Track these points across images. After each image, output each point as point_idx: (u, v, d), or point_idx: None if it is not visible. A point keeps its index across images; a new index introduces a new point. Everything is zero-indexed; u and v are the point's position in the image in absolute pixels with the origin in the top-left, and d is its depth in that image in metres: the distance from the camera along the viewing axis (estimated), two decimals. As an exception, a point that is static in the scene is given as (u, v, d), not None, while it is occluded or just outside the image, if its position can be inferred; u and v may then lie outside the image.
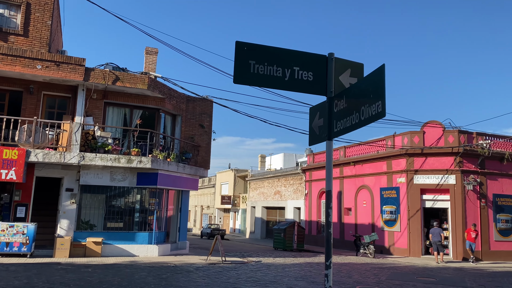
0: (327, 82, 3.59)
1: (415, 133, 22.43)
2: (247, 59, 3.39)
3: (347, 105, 3.37)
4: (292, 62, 3.51)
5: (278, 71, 3.46)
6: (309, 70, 3.56)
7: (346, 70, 3.64)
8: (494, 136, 22.50)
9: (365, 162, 25.54)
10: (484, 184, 21.57)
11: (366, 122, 3.06)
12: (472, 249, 19.60)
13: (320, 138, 3.79)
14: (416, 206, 21.86)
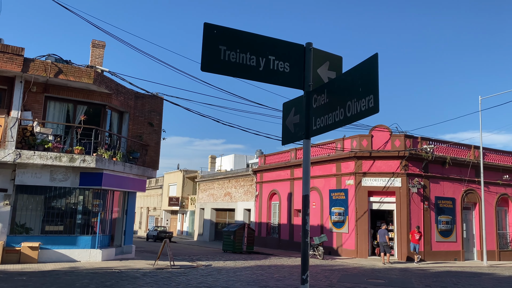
0: (305, 75, 3.27)
1: (363, 137, 22.94)
2: (217, 44, 2.99)
3: (328, 100, 3.07)
4: (268, 50, 3.15)
5: (252, 59, 3.09)
6: (285, 61, 3.22)
7: (325, 63, 3.34)
8: (437, 141, 23.52)
9: (316, 164, 25.79)
10: (427, 187, 22.46)
11: (354, 118, 2.78)
12: (416, 251, 20.30)
13: (295, 136, 3.47)
14: (363, 208, 22.34)
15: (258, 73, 3.11)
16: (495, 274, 17.41)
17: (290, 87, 3.24)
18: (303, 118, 3.32)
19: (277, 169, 29.55)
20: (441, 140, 23.70)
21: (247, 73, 3.08)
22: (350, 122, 2.83)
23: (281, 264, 17.36)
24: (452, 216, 23.16)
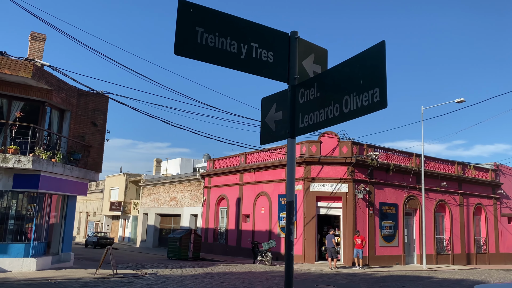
0: (290, 66, 2.96)
1: (313, 143, 23.17)
2: (193, 25, 2.60)
3: (320, 95, 2.78)
4: (250, 36, 2.80)
5: (233, 45, 2.72)
6: (269, 49, 2.88)
7: (310, 55, 3.05)
8: (382, 148, 24.29)
9: (265, 169, 25.71)
10: (372, 193, 23.08)
11: (354, 114, 2.49)
12: (360, 256, 20.54)
13: (277, 135, 3.14)
14: (311, 213, 22.51)
15: (239, 61, 2.75)
16: (435, 278, 18.13)
17: (274, 79, 2.91)
18: (286, 115, 3.01)
19: (226, 174, 29.14)
20: (385, 147, 24.52)
21: (227, 60, 2.71)
22: (349, 118, 2.55)
23: (230, 271, 16.97)
24: (395, 222, 23.98)
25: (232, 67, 2.75)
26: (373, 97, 2.39)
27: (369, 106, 2.42)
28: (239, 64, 2.76)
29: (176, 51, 2.49)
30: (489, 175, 30.84)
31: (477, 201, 29.31)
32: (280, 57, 2.94)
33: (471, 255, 28.26)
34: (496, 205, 30.82)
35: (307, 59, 3.02)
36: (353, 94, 2.53)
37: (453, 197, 27.67)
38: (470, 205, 28.74)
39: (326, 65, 3.10)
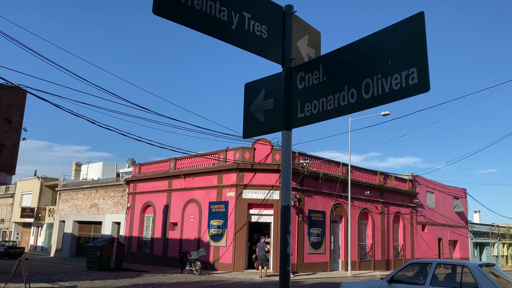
0: (284, 46, 2.56)
1: (246, 149, 22.97)
2: (176, -19, 2.08)
3: (327, 78, 2.38)
4: (242, 4, 2.35)
5: (223, 12, 2.24)
6: (262, 23, 2.44)
7: (304, 36, 2.65)
8: (312, 157, 24.76)
9: (196, 175, 24.99)
10: (302, 200, 23.38)
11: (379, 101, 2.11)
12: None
13: (268, 127, 2.70)
14: (243, 221, 22.21)
15: (230, 32, 2.27)
16: (361, 283, 18.64)
17: (267, 58, 2.48)
18: (280, 103, 2.59)
19: (153, 180, 27.90)
20: (315, 156, 25.05)
21: (217, 29, 2.22)
22: (371, 105, 2.16)
23: (158, 282, 16.03)
24: (322, 229, 24.50)
25: (223, 38, 2.27)
26: (408, 80, 2.01)
27: (402, 91, 2.05)
28: (230, 35, 2.28)
29: (154, 10, 1.98)
30: (407, 185, 32.89)
31: (396, 210, 31.06)
32: (274, 33, 2.54)
33: (390, 261, 29.77)
34: (413, 214, 32.92)
35: (302, 40, 2.62)
36: (377, 77, 2.15)
37: (375, 206, 29.02)
38: (390, 213, 30.35)
39: (319, 49, 2.74)
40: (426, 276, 9.00)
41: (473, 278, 8.29)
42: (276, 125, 2.58)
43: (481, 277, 8.09)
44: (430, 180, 36.87)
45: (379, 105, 2.09)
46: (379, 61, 2.17)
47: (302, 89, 2.52)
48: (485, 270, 8.50)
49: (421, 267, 9.68)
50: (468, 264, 8.78)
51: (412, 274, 9.94)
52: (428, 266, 9.35)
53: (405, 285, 9.20)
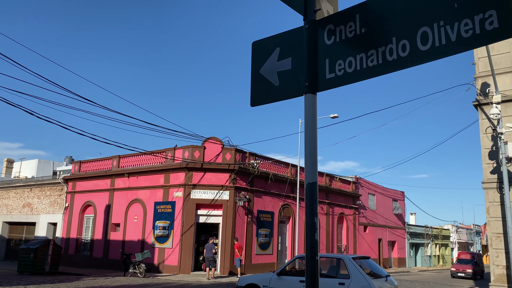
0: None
1: (196, 148, 22.36)
2: None
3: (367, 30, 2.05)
4: None
5: None
6: None
7: None
8: (262, 157, 24.63)
9: (141, 174, 23.95)
10: (251, 200, 23.16)
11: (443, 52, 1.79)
12: (237, 265, 20.34)
13: (285, 91, 2.31)
14: (190, 222, 21.57)
15: None
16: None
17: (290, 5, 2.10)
18: (301, 63, 2.23)
19: (94, 178, 26.41)
20: (265, 156, 24.93)
21: None
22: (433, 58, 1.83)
23: (100, 286, 15.03)
24: (271, 229, 24.43)
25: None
26: (485, 25, 1.71)
27: (476, 38, 1.74)
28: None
29: None
30: (350, 187, 33.79)
31: (341, 211, 31.78)
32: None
33: (334, 261, 30.32)
34: (355, 215, 33.87)
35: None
36: (439, 24, 1.84)
37: (321, 206, 29.49)
38: (334, 214, 30.98)
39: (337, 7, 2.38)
40: None
41: (346, 268, 9.70)
42: (297, 89, 2.18)
43: (352, 267, 9.55)
44: (372, 182, 38.20)
45: (443, 57, 1.76)
46: (442, 6, 1.86)
47: (331, 44, 2.19)
48: (357, 261, 9.89)
49: None
50: (343, 257, 10.16)
51: (299, 267, 11.25)
52: None
53: (292, 277, 10.48)
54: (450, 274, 32.38)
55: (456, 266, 32.11)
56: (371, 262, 10.89)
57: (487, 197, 13.47)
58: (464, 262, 32.69)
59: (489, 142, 13.70)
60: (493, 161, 13.50)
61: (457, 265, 32.27)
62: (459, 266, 31.96)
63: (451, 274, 31.70)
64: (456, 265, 32.59)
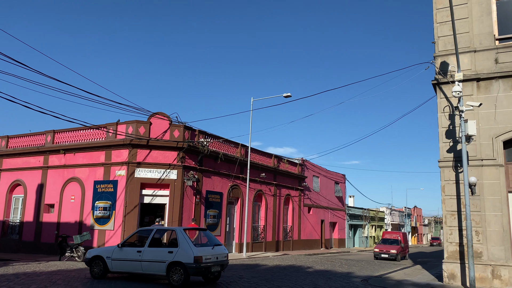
0: None
1: (141, 123, 20.82)
2: None
3: None
4: None
5: None
6: None
7: None
8: (212, 136, 23.57)
9: (79, 151, 21.99)
10: (200, 180, 22.14)
11: None
12: None
13: None
14: (134, 202, 20.16)
15: None
16: (262, 265, 18.24)
17: None
18: None
19: (24, 155, 23.96)
20: (216, 135, 23.89)
21: None
22: None
23: (34, 272, 13.40)
24: (219, 210, 23.63)
25: None
26: None
27: None
28: None
29: None
30: (297, 169, 33.78)
31: (287, 192, 31.69)
32: None
33: (280, 242, 30.30)
34: (301, 196, 34.00)
35: None
36: None
37: (269, 188, 29.14)
38: (281, 196, 30.82)
39: None
40: (147, 240, 11.65)
41: (176, 237, 11.14)
42: None
43: (181, 237, 11.01)
44: (316, 165, 38.58)
45: None
46: None
47: None
48: (186, 232, 11.40)
49: (145, 233, 12.18)
50: (175, 228, 11.53)
51: (138, 240, 12.49)
52: (149, 232, 11.96)
53: (132, 248, 11.75)
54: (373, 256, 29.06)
55: (379, 247, 28.90)
56: (208, 234, 12.49)
57: (443, 176, 13.59)
58: (388, 242, 30.01)
59: (446, 121, 13.79)
60: (450, 140, 13.62)
61: (381, 246, 29.20)
62: (382, 246, 28.89)
63: (374, 256, 28.28)
64: (379, 245, 29.49)
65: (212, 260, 10.98)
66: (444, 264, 13.19)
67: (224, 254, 11.61)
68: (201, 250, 10.87)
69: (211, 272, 11.03)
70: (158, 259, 11.00)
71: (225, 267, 11.64)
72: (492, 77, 13.31)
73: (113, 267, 11.81)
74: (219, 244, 11.79)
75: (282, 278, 13.23)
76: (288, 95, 23.33)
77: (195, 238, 12.58)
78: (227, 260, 11.80)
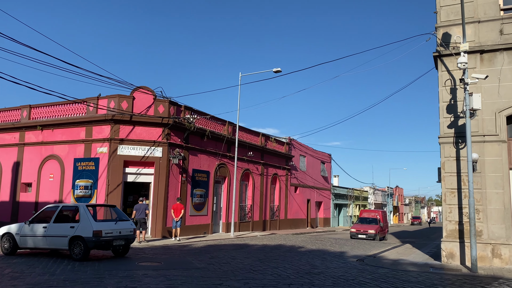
0: None
1: (124, 98, 19.69)
2: None
3: None
4: None
5: None
6: None
7: None
8: (199, 112, 22.59)
9: (58, 127, 20.79)
10: (187, 158, 21.27)
11: None
12: (178, 226, 18.59)
13: None
14: (117, 181, 19.20)
15: None
16: (253, 245, 17.67)
17: None
18: None
19: (-1, 131, 22.62)
20: (202, 112, 22.92)
21: None
22: None
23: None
24: (206, 190, 22.87)
25: None
26: None
27: None
28: None
29: None
30: (284, 148, 33.15)
31: (274, 172, 31.10)
32: None
33: (267, 222, 29.84)
34: (288, 176, 33.48)
35: None
36: None
37: (256, 167, 28.48)
38: (269, 175, 30.21)
39: None
40: (53, 216, 12.24)
41: (79, 213, 11.87)
42: None
43: (83, 213, 11.70)
44: (304, 144, 38.03)
45: None
46: None
47: None
48: (89, 208, 12.02)
49: (52, 210, 12.69)
50: (78, 205, 12.22)
51: (45, 216, 12.69)
52: (56, 208, 12.53)
53: (39, 224, 12.30)
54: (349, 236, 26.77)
55: (356, 227, 27.03)
56: (116, 210, 13.19)
57: (443, 152, 13.08)
58: (366, 221, 28.04)
59: (447, 95, 13.20)
60: (451, 115, 13.06)
61: (358, 225, 27.27)
62: (360, 226, 26.98)
63: (351, 236, 26.25)
64: (356, 225, 27.68)
65: (113, 235, 11.63)
66: (442, 243, 12.79)
67: (129, 229, 12.26)
68: (102, 225, 11.58)
69: (113, 246, 11.69)
70: (61, 234, 11.63)
71: (131, 241, 12.33)
72: (496, 49, 12.71)
73: (21, 243, 12.40)
74: (125, 220, 12.55)
75: (276, 258, 12.64)
76: (278, 70, 22.44)
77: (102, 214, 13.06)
78: (133, 235, 12.49)
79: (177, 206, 18.60)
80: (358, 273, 10.17)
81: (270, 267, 10.71)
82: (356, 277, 9.47)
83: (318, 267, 10.94)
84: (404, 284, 8.76)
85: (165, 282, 8.20)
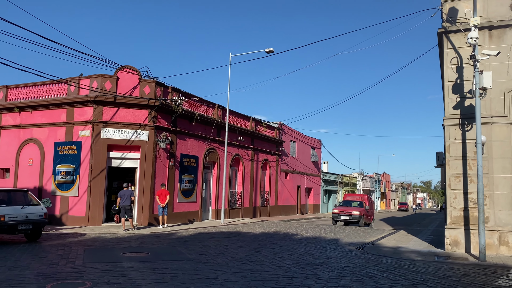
0: None
1: (107, 78, 18.52)
2: None
3: None
4: None
5: None
6: None
7: None
8: (187, 94, 21.51)
9: (37, 109, 19.57)
10: (174, 143, 20.26)
11: None
12: (165, 213, 17.78)
13: None
14: (101, 166, 18.15)
15: None
16: (246, 233, 16.91)
17: None
18: None
19: (-27, 113, 21.23)
20: (191, 94, 21.84)
21: None
22: None
23: (-19, 244, 11.50)
24: (195, 175, 21.95)
25: None
26: None
27: None
28: None
29: None
30: (274, 133, 32.30)
31: (265, 157, 30.28)
32: None
33: (257, 208, 29.12)
34: (278, 162, 32.72)
35: None
36: None
37: (247, 152, 27.60)
38: (259, 161, 29.40)
39: None
40: None
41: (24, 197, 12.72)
42: None
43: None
44: (294, 129, 37.24)
45: None
46: None
47: None
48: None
49: None
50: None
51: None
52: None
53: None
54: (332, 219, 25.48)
55: (339, 208, 25.32)
56: (26, 195, 13.04)
57: (448, 135, 12.36)
58: (350, 204, 26.16)
59: (453, 74, 12.43)
60: (457, 95, 12.32)
61: (341, 207, 25.55)
62: (343, 208, 25.26)
63: (333, 218, 24.82)
64: (339, 207, 25.97)
65: (18, 219, 11.79)
66: (446, 230, 12.15)
67: (38, 213, 12.44)
68: (5, 210, 11.63)
69: (18, 230, 11.80)
70: None
71: (41, 226, 12.50)
72: (506, 25, 11.95)
73: None
74: (35, 204, 12.72)
75: (272, 247, 11.87)
76: (271, 50, 21.43)
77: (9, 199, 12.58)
78: (44, 219, 12.58)
79: (162, 192, 17.70)
80: (362, 263, 9.45)
81: (267, 257, 9.92)
82: (362, 268, 8.73)
83: (318, 257, 10.18)
84: (415, 275, 8.06)
85: (153, 276, 7.33)
